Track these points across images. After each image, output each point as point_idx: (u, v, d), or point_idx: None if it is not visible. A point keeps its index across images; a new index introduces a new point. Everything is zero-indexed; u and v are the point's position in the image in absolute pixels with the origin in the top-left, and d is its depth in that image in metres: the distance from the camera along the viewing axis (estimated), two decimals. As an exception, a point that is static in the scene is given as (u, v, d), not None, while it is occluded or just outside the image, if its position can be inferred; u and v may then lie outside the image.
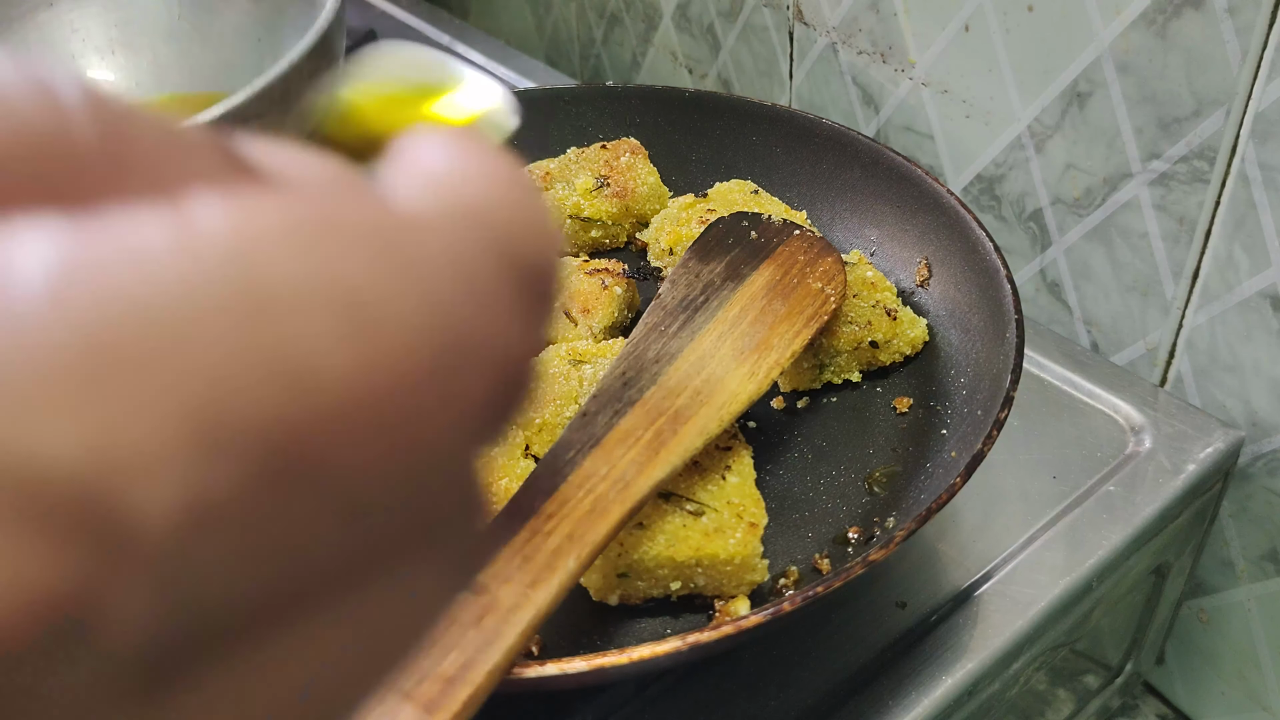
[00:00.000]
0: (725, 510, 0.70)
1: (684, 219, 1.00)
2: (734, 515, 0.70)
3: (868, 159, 1.00)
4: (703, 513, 0.70)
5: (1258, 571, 1.01)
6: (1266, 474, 0.95)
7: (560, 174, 1.07)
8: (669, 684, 0.75)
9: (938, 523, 0.84)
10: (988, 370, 0.80)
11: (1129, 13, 0.88)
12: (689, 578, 0.70)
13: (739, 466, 0.73)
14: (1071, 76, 0.95)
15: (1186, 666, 1.12)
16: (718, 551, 0.68)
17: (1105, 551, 0.82)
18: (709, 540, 0.68)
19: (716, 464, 0.73)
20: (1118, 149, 0.94)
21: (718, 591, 0.71)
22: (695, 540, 0.68)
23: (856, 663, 0.75)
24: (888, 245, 0.98)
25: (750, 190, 1.02)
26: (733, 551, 0.68)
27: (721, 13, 1.34)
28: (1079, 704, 1.02)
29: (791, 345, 0.75)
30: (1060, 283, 1.07)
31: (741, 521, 0.69)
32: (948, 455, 0.77)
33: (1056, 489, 0.87)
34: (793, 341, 0.76)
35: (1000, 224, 1.09)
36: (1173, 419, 0.92)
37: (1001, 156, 1.06)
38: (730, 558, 0.68)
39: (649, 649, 0.58)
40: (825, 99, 1.24)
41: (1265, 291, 0.89)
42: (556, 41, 1.71)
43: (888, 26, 1.11)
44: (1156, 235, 0.95)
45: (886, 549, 0.63)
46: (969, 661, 0.75)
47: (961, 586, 0.80)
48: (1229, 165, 0.87)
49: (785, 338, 0.75)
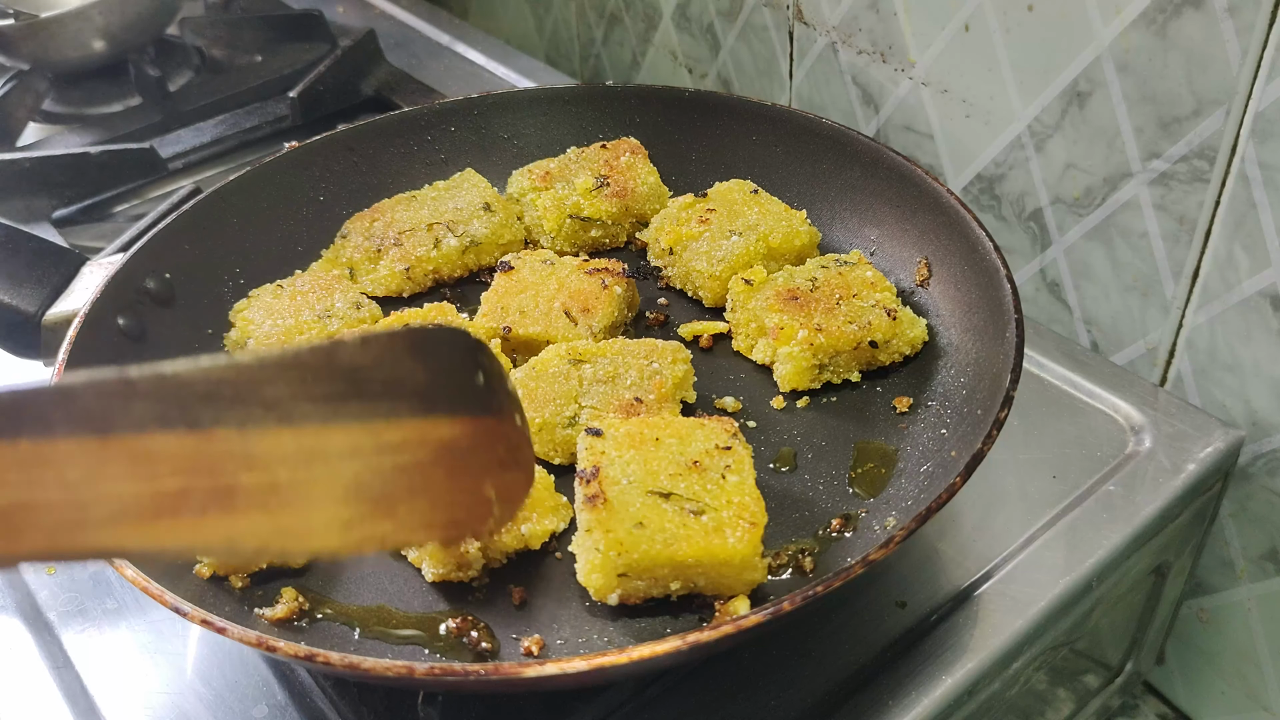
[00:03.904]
0: (725, 510, 0.70)
1: (684, 218, 1.00)
2: (734, 515, 0.69)
3: (868, 159, 1.00)
4: (703, 512, 0.70)
5: (1258, 571, 1.01)
6: (1266, 474, 0.95)
7: (560, 174, 1.07)
8: (669, 684, 0.75)
9: (938, 522, 0.84)
10: (988, 370, 0.80)
11: (1129, 12, 0.88)
12: (689, 578, 0.70)
13: (739, 466, 0.73)
14: (1071, 76, 0.95)
15: (1186, 666, 1.12)
16: (717, 552, 0.68)
17: (1105, 551, 0.82)
18: (709, 540, 0.68)
19: (716, 464, 0.73)
20: (1118, 149, 0.94)
21: (717, 591, 0.71)
22: (696, 540, 0.68)
23: (856, 663, 0.75)
24: (888, 245, 0.98)
25: (750, 190, 1.02)
26: (733, 551, 0.68)
27: (721, 12, 1.34)
28: (1079, 704, 1.02)
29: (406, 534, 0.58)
30: (1060, 282, 1.07)
31: (742, 521, 0.69)
32: (948, 455, 0.77)
33: (1056, 489, 0.87)
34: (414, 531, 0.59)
35: (1000, 224, 1.09)
36: (1173, 419, 0.92)
37: (1001, 156, 1.06)
38: (730, 557, 0.68)
39: (649, 649, 0.58)
40: (825, 99, 1.24)
41: (1265, 291, 0.89)
42: (556, 41, 1.70)
43: (888, 26, 1.11)
44: (1156, 235, 0.95)
45: (886, 549, 0.63)
46: (969, 661, 0.75)
47: (961, 586, 0.80)
48: (1229, 165, 0.87)
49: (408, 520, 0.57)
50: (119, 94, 1.48)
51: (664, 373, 0.84)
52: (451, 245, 1.01)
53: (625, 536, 0.68)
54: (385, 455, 0.56)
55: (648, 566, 0.69)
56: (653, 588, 0.71)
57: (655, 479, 0.71)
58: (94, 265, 1.02)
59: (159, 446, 0.48)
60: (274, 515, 0.52)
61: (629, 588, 0.70)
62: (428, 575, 0.74)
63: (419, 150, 1.13)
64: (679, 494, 0.71)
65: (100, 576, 0.85)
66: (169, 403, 0.49)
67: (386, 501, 0.56)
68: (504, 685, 0.61)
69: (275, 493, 0.52)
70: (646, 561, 0.68)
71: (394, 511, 0.57)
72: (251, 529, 0.52)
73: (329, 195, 1.08)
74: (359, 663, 0.59)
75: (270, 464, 0.52)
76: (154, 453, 0.48)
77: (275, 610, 0.72)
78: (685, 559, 0.68)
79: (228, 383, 0.51)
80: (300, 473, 0.53)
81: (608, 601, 0.71)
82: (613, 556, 0.68)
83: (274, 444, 0.52)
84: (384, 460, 0.56)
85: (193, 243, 0.97)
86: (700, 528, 0.69)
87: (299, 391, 0.53)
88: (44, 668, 0.79)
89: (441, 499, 0.59)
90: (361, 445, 0.55)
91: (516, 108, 1.15)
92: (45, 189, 1.28)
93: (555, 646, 0.70)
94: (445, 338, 0.61)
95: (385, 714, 0.73)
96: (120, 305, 0.89)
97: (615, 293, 0.93)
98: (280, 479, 0.52)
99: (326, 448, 0.54)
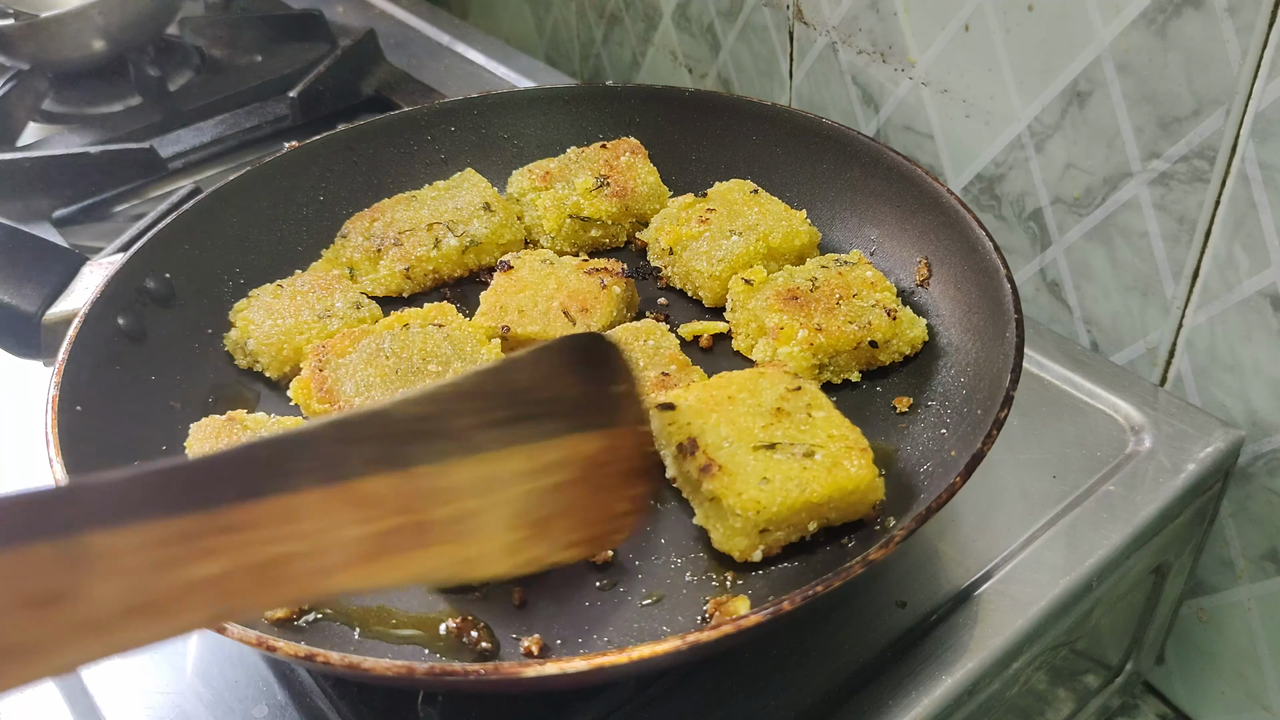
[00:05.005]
0: (832, 445, 0.73)
1: (684, 218, 1.00)
2: (843, 447, 0.73)
3: (868, 159, 1.00)
4: (813, 453, 0.73)
5: (1258, 571, 1.01)
6: (1266, 474, 0.95)
7: (560, 173, 1.07)
8: (669, 684, 0.75)
9: (938, 522, 0.84)
10: (988, 370, 0.80)
11: (1129, 12, 0.88)
12: (822, 515, 0.73)
13: (817, 402, 0.76)
14: (1071, 76, 0.95)
15: (1186, 666, 1.12)
16: (845, 484, 0.72)
17: (1105, 551, 0.82)
18: (834, 476, 0.72)
19: (796, 406, 0.76)
20: (1118, 148, 0.94)
21: (845, 519, 0.74)
22: (823, 479, 0.71)
23: (856, 663, 0.75)
24: (888, 245, 0.98)
25: (750, 189, 1.02)
26: (858, 479, 0.72)
27: (721, 12, 1.34)
28: (1079, 703, 1.02)
29: (557, 554, 0.61)
30: (1060, 282, 1.07)
31: (852, 451, 0.73)
32: (948, 455, 0.77)
33: (1056, 488, 0.87)
34: (563, 550, 0.61)
35: (1000, 223, 1.09)
36: (1173, 418, 0.92)
37: (1001, 156, 1.06)
38: (857, 485, 0.72)
39: (649, 649, 0.58)
40: (825, 98, 1.24)
41: (1265, 291, 0.89)
42: (556, 41, 1.70)
43: (888, 26, 1.11)
44: (1156, 235, 0.95)
45: (886, 548, 0.63)
46: (969, 661, 0.75)
47: (961, 586, 0.80)
48: (1229, 165, 0.87)
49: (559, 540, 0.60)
50: (119, 94, 1.48)
51: (664, 344, 0.87)
52: (451, 245, 1.01)
53: (758, 494, 0.71)
54: (545, 476, 0.57)
55: (786, 516, 0.71)
56: (792, 534, 0.73)
57: (751, 434, 0.74)
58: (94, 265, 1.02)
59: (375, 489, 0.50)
60: (459, 546, 0.54)
61: (771, 540, 0.73)
62: (428, 575, 0.74)
63: (419, 150, 1.13)
64: (781, 442, 0.74)
65: (100, 576, 0.85)
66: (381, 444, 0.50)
67: (544, 523, 0.58)
68: (504, 685, 0.61)
69: (461, 524, 0.54)
70: (785, 512, 0.71)
71: (549, 532, 0.58)
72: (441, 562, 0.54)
73: (329, 195, 1.08)
74: (359, 663, 0.59)
75: (458, 496, 0.53)
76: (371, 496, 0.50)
77: (275, 610, 0.72)
78: (819, 500, 0.71)
79: (425, 417, 0.52)
80: (481, 502, 0.54)
81: (751, 559, 0.73)
82: (752, 516, 0.71)
83: (461, 476, 0.53)
84: (544, 481, 0.57)
85: (193, 243, 0.97)
86: (820, 467, 0.72)
87: (481, 420, 0.54)
88: (44, 668, 0.79)
89: (586, 515, 0.61)
90: (527, 468, 0.57)
91: (516, 108, 1.15)
92: (45, 189, 1.28)
93: (555, 646, 0.70)
94: (595, 347, 0.63)
95: (385, 714, 0.73)
96: (120, 305, 0.89)
97: (614, 292, 0.93)
98: (465, 510, 0.54)
99: (501, 474, 0.55)
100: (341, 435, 0.50)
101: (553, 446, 0.58)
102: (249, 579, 0.45)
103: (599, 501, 0.61)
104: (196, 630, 0.45)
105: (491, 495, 0.55)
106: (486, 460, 0.55)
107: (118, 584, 0.41)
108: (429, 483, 0.52)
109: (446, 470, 0.53)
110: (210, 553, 0.44)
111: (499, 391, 0.56)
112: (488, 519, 0.55)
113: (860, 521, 0.77)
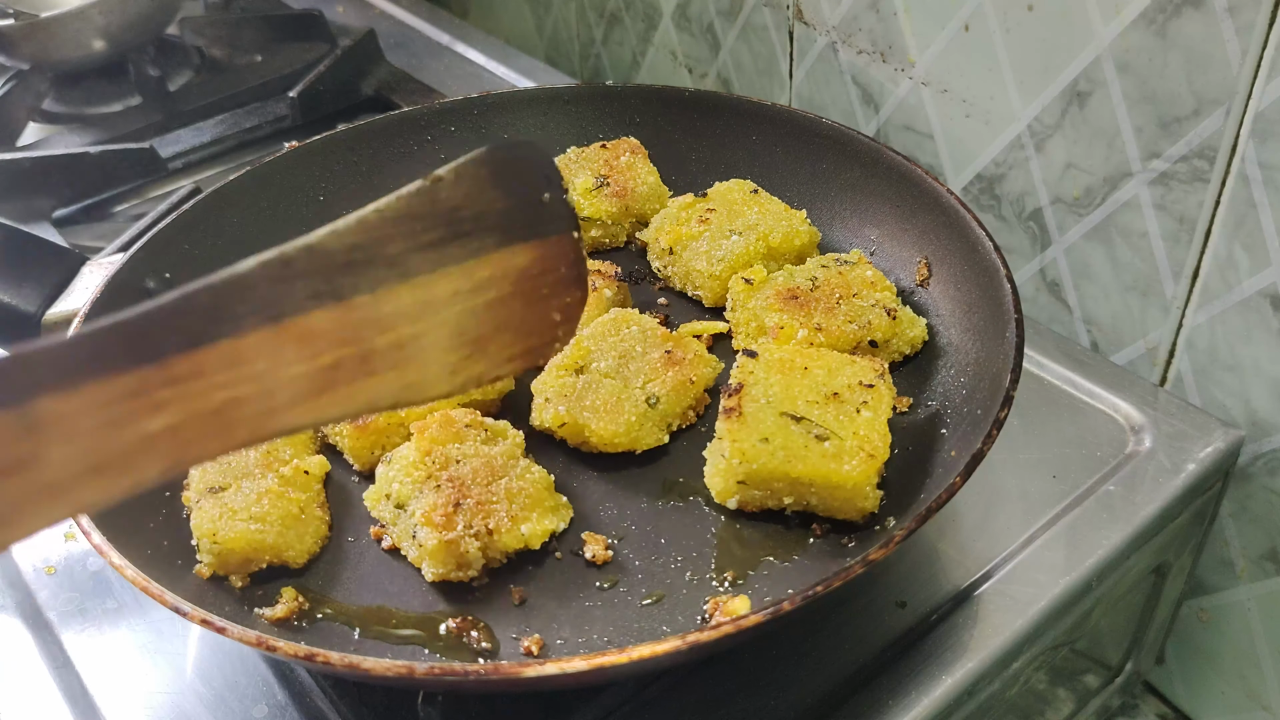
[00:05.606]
0: (850, 440, 0.74)
1: (684, 218, 1.00)
2: (856, 445, 0.74)
3: (868, 159, 1.00)
4: (827, 438, 0.74)
5: (1258, 571, 1.01)
6: (1266, 473, 0.95)
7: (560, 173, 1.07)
8: (669, 684, 0.75)
9: (938, 522, 0.84)
10: (988, 370, 0.80)
11: (1129, 12, 0.88)
12: (802, 495, 0.75)
13: (876, 404, 0.77)
14: (1071, 76, 0.95)
15: (1186, 666, 1.12)
16: (831, 475, 0.73)
17: (1105, 551, 0.82)
18: (825, 463, 0.73)
19: (854, 398, 0.77)
20: (1118, 148, 0.94)
21: (830, 513, 0.75)
22: (813, 461, 0.73)
23: (856, 662, 0.75)
24: (888, 245, 0.98)
25: (750, 189, 1.02)
26: (845, 477, 0.72)
27: (721, 12, 1.34)
28: (1079, 703, 1.02)
29: (497, 369, 0.61)
30: (1060, 282, 1.07)
31: (861, 452, 0.73)
32: (948, 455, 0.77)
33: (1056, 489, 0.87)
34: (503, 365, 0.61)
35: (1000, 223, 1.09)
36: (1173, 418, 0.92)
37: (1001, 156, 1.06)
38: (843, 482, 0.73)
39: (649, 649, 0.58)
40: (825, 98, 1.24)
41: (1265, 291, 0.89)
42: (556, 41, 1.71)
43: (888, 26, 1.11)
44: (1156, 235, 0.95)
45: (886, 548, 0.63)
46: (969, 661, 0.75)
47: (961, 586, 0.80)
48: (1229, 164, 0.87)
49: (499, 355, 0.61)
50: (119, 94, 1.48)
51: (645, 325, 0.88)
52: (451, 245, 1.01)
53: (749, 448, 0.74)
54: (479, 294, 0.58)
55: (764, 478, 0.74)
56: (768, 499, 0.76)
57: (793, 403, 0.77)
58: (94, 265, 1.02)
59: (316, 324, 0.51)
60: (402, 372, 0.55)
61: (746, 495, 0.76)
62: (427, 575, 0.74)
63: (419, 150, 1.13)
64: (810, 419, 0.75)
65: (100, 576, 0.86)
66: (318, 278, 0.52)
67: (481, 340, 0.59)
68: (504, 685, 0.61)
69: (402, 349, 0.55)
70: (764, 473, 0.74)
71: (487, 349, 0.59)
72: (386, 389, 0.55)
73: (329, 195, 1.08)
74: (359, 663, 0.59)
75: (396, 322, 0.55)
76: (314, 331, 0.51)
77: (275, 610, 0.72)
78: (800, 476, 0.73)
79: (357, 246, 0.53)
80: (419, 326, 0.56)
81: (726, 505, 0.77)
82: (735, 464, 0.74)
83: (398, 302, 0.55)
84: (478, 299, 0.58)
85: (193, 243, 0.97)
86: (820, 451, 0.73)
87: (412, 244, 0.55)
88: (44, 668, 0.79)
89: (521, 328, 0.61)
90: (460, 288, 0.57)
91: (516, 108, 1.15)
92: (45, 189, 1.28)
93: (555, 646, 0.70)
94: (521, 156, 0.62)
95: (385, 714, 0.73)
96: (120, 305, 0.88)
97: (604, 295, 0.93)
98: (404, 335, 0.55)
99: (437, 296, 0.56)
100: (280, 273, 0.51)
101: (484, 263, 0.59)
102: (202, 427, 0.46)
103: (534, 313, 0.62)
104: (158, 483, 0.46)
105: (429, 318, 0.56)
106: (421, 284, 0.56)
107: (75, 446, 0.42)
108: (368, 312, 0.53)
109: (383, 298, 0.54)
110: (161, 405, 0.45)
111: (427, 213, 0.56)
112: (427, 342, 0.56)
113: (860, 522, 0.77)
